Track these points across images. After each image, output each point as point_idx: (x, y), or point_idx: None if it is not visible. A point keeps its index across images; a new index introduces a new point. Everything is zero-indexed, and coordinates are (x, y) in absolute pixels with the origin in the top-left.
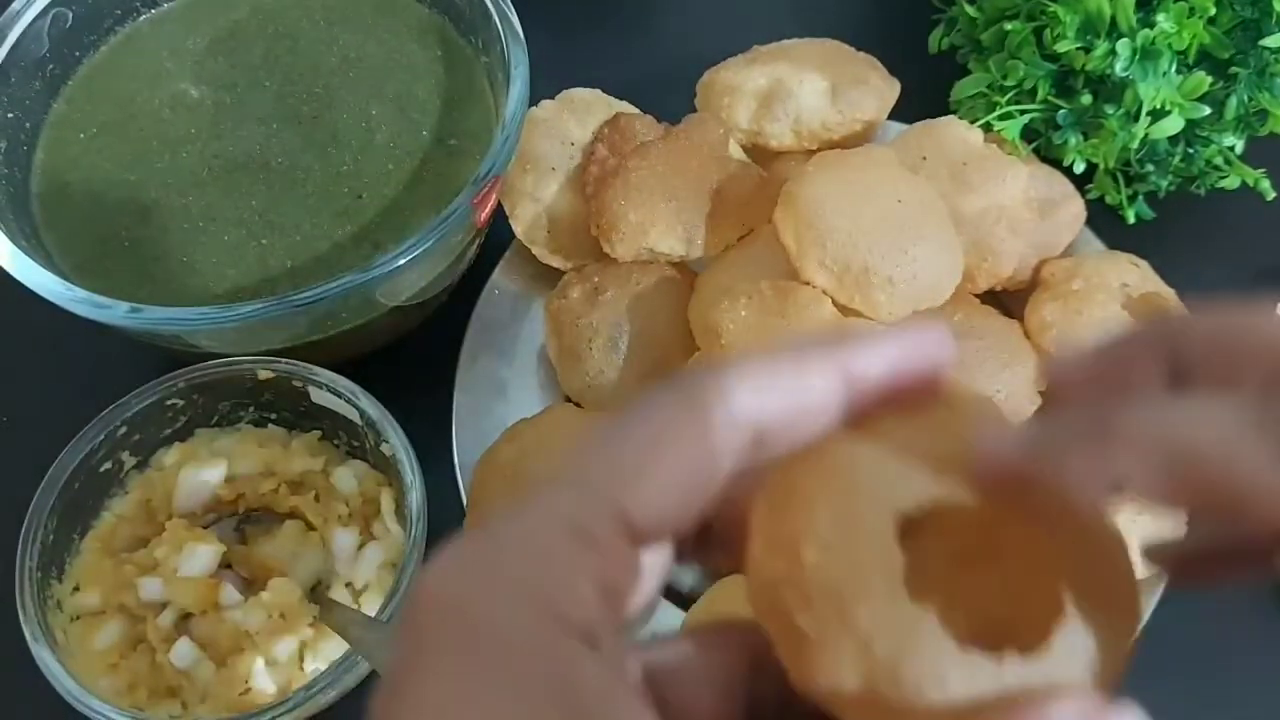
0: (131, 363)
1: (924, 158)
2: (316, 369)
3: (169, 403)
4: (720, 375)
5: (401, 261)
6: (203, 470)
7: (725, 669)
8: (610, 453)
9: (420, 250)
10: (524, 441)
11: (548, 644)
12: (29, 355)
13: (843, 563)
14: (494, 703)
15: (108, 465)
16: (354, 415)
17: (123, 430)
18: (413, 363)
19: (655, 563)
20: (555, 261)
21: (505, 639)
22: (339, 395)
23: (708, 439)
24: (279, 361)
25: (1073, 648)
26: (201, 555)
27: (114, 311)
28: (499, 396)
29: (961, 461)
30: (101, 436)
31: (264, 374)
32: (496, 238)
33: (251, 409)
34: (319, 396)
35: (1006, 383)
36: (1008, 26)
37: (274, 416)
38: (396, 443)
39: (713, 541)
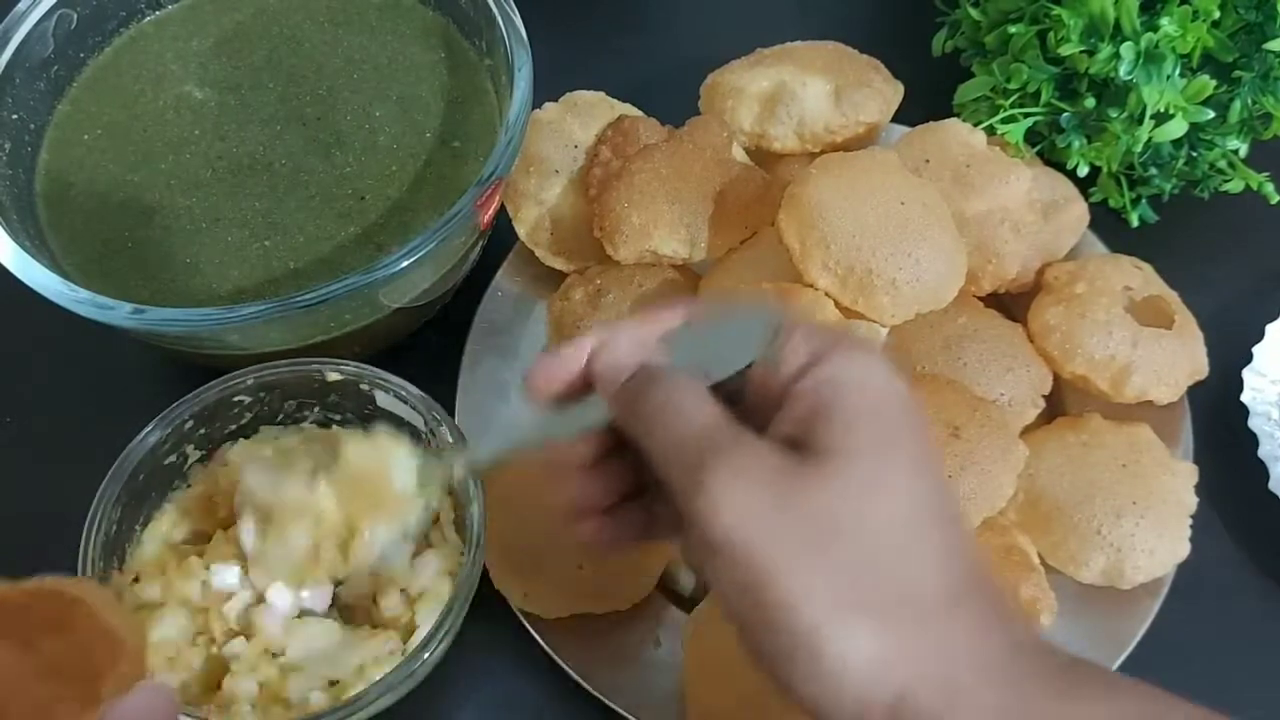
0: (135, 364)
1: (927, 160)
2: (385, 374)
3: (236, 399)
4: None
5: (404, 263)
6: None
7: None
8: None
9: (423, 252)
10: None
11: None
12: (32, 356)
13: None
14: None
15: (172, 458)
16: (419, 422)
17: (189, 424)
18: (415, 364)
19: None
20: (558, 263)
21: None
22: (405, 401)
23: None
24: (348, 364)
25: None
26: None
27: (117, 312)
28: (501, 398)
29: None
30: (168, 430)
31: (332, 375)
32: (499, 239)
33: (316, 409)
34: (384, 400)
35: (1010, 386)
36: (1011, 29)
37: (338, 418)
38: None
39: None
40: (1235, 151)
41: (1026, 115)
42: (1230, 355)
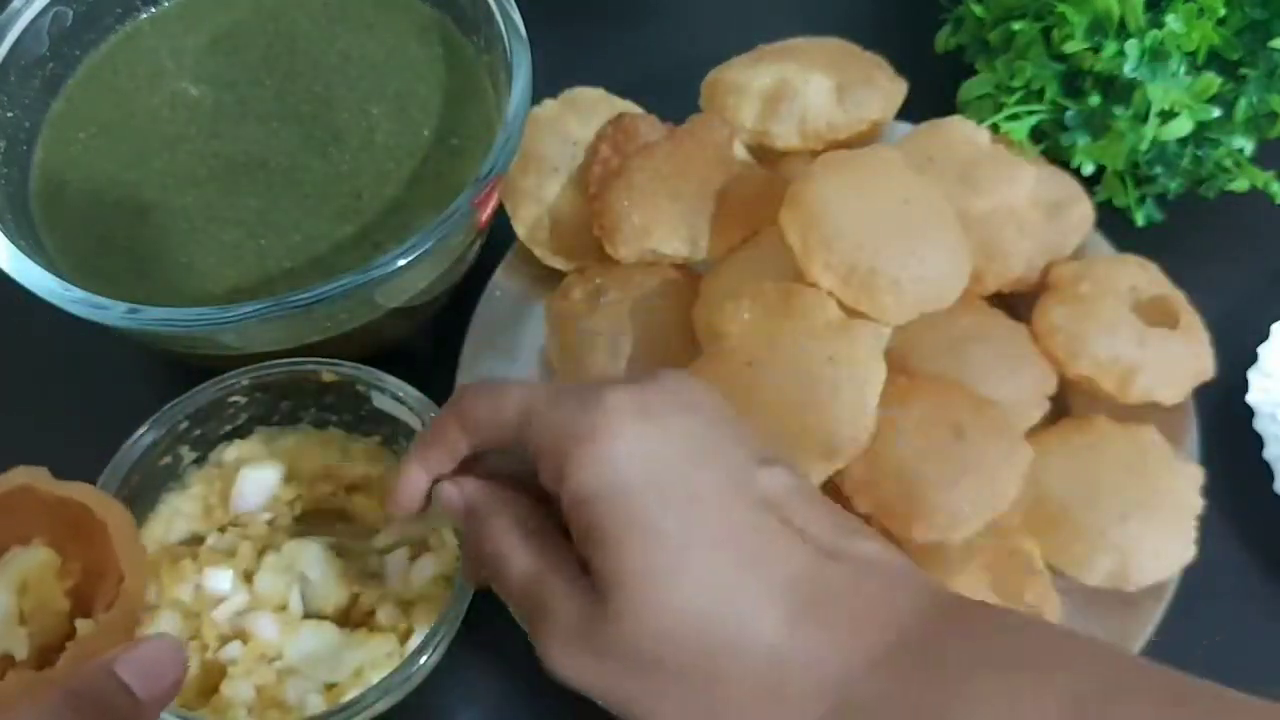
0: (130, 364)
1: (931, 158)
2: (383, 375)
3: (231, 400)
4: None
5: (401, 262)
6: (262, 469)
7: None
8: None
9: (420, 251)
10: None
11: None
12: (26, 355)
13: None
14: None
15: (167, 459)
16: (415, 423)
17: (184, 425)
18: (413, 364)
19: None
20: (557, 263)
21: None
22: (402, 402)
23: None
24: (343, 365)
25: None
26: (314, 553)
27: (112, 312)
28: None
29: None
30: (163, 431)
31: (328, 376)
32: (498, 238)
33: (313, 410)
34: (381, 401)
35: (1014, 387)
36: (1015, 26)
37: (335, 419)
38: None
39: None
40: (1241, 150)
41: (1031, 113)
42: (1236, 356)
